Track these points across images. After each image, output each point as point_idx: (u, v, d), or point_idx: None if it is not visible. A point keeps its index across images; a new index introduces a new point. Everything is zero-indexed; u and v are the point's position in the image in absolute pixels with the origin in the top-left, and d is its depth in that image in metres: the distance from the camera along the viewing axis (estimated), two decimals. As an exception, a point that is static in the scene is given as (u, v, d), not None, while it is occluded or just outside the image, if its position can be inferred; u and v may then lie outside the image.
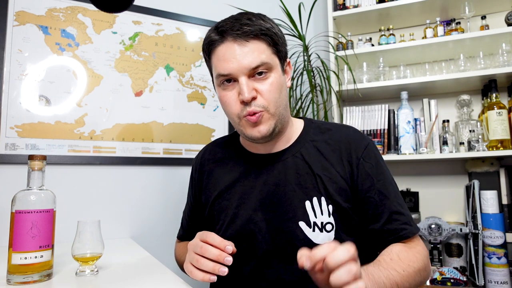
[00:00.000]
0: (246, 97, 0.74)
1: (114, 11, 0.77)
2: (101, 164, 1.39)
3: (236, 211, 0.83)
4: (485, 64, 1.59)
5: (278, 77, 0.78)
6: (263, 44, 0.76)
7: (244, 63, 0.74)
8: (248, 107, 0.75)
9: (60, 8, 1.37)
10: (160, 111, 1.53)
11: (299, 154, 0.84)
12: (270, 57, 0.77)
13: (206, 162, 0.95)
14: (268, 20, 0.79)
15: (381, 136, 1.67)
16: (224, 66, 0.75)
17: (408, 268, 0.71)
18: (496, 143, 1.48)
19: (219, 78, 0.78)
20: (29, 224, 0.73)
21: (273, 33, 0.78)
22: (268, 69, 0.77)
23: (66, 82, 1.36)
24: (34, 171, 0.77)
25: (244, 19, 0.76)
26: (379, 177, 0.80)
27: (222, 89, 0.79)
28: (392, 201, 0.79)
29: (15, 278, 0.72)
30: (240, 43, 0.75)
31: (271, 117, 0.77)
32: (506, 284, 1.38)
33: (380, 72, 1.74)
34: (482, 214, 1.44)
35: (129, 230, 1.42)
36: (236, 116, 0.78)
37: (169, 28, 1.58)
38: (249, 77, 0.76)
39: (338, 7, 1.80)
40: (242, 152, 0.91)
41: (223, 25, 0.76)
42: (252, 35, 0.75)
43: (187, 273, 0.72)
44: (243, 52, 0.74)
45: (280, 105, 0.78)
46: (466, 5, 1.60)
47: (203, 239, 0.70)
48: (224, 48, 0.76)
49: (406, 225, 0.77)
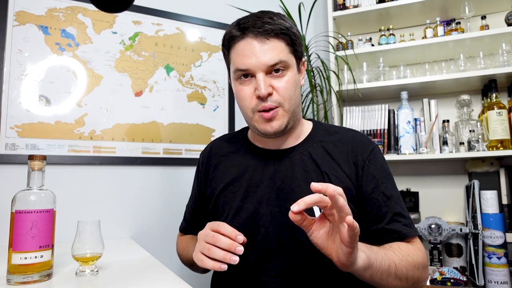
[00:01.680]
0: (262, 92, 0.76)
1: (114, 11, 0.77)
2: (101, 164, 1.39)
3: (241, 204, 0.84)
4: (485, 64, 1.59)
5: (293, 75, 0.81)
6: (282, 43, 0.79)
7: (263, 60, 0.77)
8: (264, 103, 0.78)
9: (60, 8, 1.37)
10: (160, 111, 1.53)
11: (307, 152, 0.86)
12: (287, 56, 0.80)
13: (213, 155, 0.96)
14: (288, 20, 0.82)
15: (381, 136, 1.67)
16: (243, 61, 0.78)
17: (407, 257, 0.73)
18: (496, 143, 1.48)
19: (237, 73, 0.80)
20: (29, 224, 0.73)
21: (292, 33, 0.80)
22: (285, 67, 0.79)
23: (66, 82, 1.36)
24: (34, 171, 0.77)
25: (266, 17, 0.78)
26: (383, 179, 0.83)
27: (239, 83, 0.81)
28: (395, 203, 0.80)
29: (15, 278, 0.72)
30: (260, 40, 0.77)
31: (285, 113, 0.80)
32: (506, 284, 1.38)
33: (380, 72, 1.74)
34: (482, 214, 1.44)
35: (129, 230, 1.42)
36: (250, 111, 0.81)
37: (169, 28, 1.58)
38: (266, 74, 0.78)
39: (338, 7, 1.80)
40: (250, 147, 0.92)
41: (245, 22, 0.79)
42: (273, 33, 0.78)
43: (196, 261, 0.72)
44: (263, 49, 0.77)
45: (294, 102, 0.81)
46: (466, 5, 1.60)
47: (214, 228, 0.71)
48: (244, 44, 0.79)
49: (407, 227, 0.79)
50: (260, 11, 0.82)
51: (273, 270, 0.79)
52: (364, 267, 0.63)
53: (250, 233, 0.80)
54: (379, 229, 0.79)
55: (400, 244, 0.76)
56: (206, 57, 1.66)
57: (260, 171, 0.86)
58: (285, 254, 0.79)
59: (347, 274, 0.80)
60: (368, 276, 0.66)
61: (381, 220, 0.79)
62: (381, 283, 0.69)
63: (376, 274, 0.67)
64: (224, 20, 1.71)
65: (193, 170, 1.06)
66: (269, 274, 0.79)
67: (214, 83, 1.67)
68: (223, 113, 1.68)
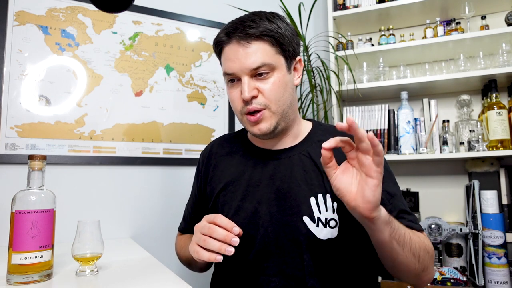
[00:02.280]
0: (245, 96, 0.78)
1: (114, 11, 0.78)
2: (101, 164, 1.39)
3: (240, 203, 0.85)
4: (485, 64, 1.59)
5: (281, 76, 0.80)
6: (266, 44, 0.79)
7: (245, 64, 0.78)
8: (249, 105, 0.79)
9: (60, 8, 1.37)
10: (160, 111, 1.53)
11: (306, 152, 0.86)
12: (273, 58, 0.79)
13: (213, 155, 0.97)
14: (276, 20, 0.81)
15: (381, 136, 1.67)
16: (229, 66, 0.80)
17: (418, 238, 0.73)
18: (496, 143, 1.48)
19: (226, 77, 0.83)
20: (29, 224, 0.73)
21: (278, 33, 0.79)
22: (271, 69, 0.79)
23: (66, 82, 1.36)
24: (34, 171, 0.77)
25: (248, 21, 0.79)
26: (385, 179, 0.82)
27: (229, 87, 0.84)
28: (398, 201, 0.81)
29: (15, 278, 0.72)
30: (242, 44, 0.78)
31: (273, 115, 0.80)
32: (506, 284, 1.38)
33: (380, 72, 1.74)
34: (482, 214, 1.44)
35: (129, 230, 1.42)
36: (239, 113, 0.83)
37: (169, 28, 1.58)
38: (252, 77, 0.79)
39: (338, 7, 1.80)
40: (250, 147, 0.93)
41: (229, 27, 0.80)
42: (254, 36, 0.78)
43: (192, 253, 0.73)
44: (245, 53, 0.78)
45: (283, 103, 0.81)
46: (466, 5, 1.60)
47: (211, 220, 0.72)
48: (229, 49, 0.80)
49: (413, 222, 0.79)
50: (249, 12, 0.83)
51: (272, 270, 0.79)
52: (385, 221, 0.63)
53: (249, 233, 0.81)
54: None
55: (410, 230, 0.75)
56: (206, 57, 1.66)
57: (259, 171, 0.87)
58: (284, 254, 0.79)
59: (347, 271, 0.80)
60: (388, 235, 0.65)
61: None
62: (398, 251, 0.68)
63: (395, 235, 0.66)
64: (224, 20, 1.71)
65: (193, 170, 1.06)
66: (268, 274, 0.79)
67: (214, 83, 1.67)
68: (223, 113, 1.68)
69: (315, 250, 0.78)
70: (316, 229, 0.78)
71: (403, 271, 0.73)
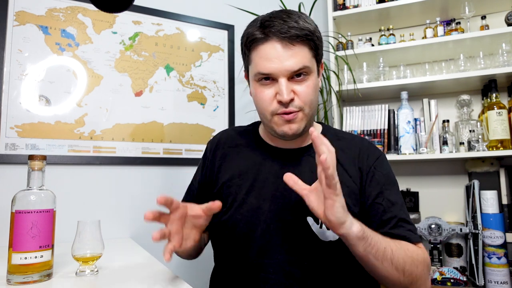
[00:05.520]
0: (285, 98, 0.76)
1: (114, 11, 0.77)
2: (101, 164, 1.39)
3: (245, 197, 0.85)
4: (485, 64, 1.59)
5: (315, 79, 0.81)
6: (306, 48, 0.78)
7: (286, 66, 0.76)
8: (285, 107, 0.78)
9: (60, 8, 1.37)
10: (160, 111, 1.53)
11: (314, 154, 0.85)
12: (310, 61, 0.79)
13: (222, 145, 0.97)
14: (311, 22, 0.80)
15: (381, 136, 1.67)
16: (265, 65, 0.77)
17: (406, 251, 0.73)
18: (496, 143, 1.48)
19: (258, 75, 0.79)
20: (29, 224, 0.73)
21: (316, 37, 0.79)
22: (308, 72, 0.79)
23: (66, 82, 1.36)
24: (34, 171, 0.77)
25: (291, 21, 0.76)
26: (388, 186, 0.83)
27: (259, 85, 0.81)
28: (399, 209, 0.81)
29: (15, 278, 0.72)
30: (285, 45, 0.76)
31: (305, 117, 0.80)
32: (506, 284, 1.38)
33: (380, 72, 1.74)
34: (482, 214, 1.44)
35: (129, 230, 1.42)
36: (269, 113, 0.80)
37: (169, 28, 1.58)
38: (289, 79, 0.77)
39: (338, 7, 1.80)
40: (260, 143, 0.92)
41: (270, 25, 0.76)
42: (299, 39, 0.76)
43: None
44: (287, 54, 0.76)
45: (314, 106, 0.82)
46: (466, 5, 1.60)
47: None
48: (268, 48, 0.77)
49: (411, 232, 0.79)
50: (283, 11, 0.80)
51: (272, 267, 0.79)
52: (358, 236, 0.64)
53: (251, 228, 0.81)
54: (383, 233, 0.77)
55: (401, 241, 0.76)
56: (206, 57, 1.66)
57: (267, 167, 0.87)
58: (284, 252, 0.79)
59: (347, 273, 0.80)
60: (362, 250, 0.66)
61: (385, 224, 0.79)
62: (376, 265, 0.68)
63: (371, 250, 0.66)
64: (224, 20, 1.71)
65: (193, 170, 1.06)
66: (268, 271, 0.79)
67: (214, 83, 1.67)
68: (223, 113, 1.67)
69: (316, 250, 0.78)
70: (320, 231, 0.78)
71: (387, 283, 0.73)
